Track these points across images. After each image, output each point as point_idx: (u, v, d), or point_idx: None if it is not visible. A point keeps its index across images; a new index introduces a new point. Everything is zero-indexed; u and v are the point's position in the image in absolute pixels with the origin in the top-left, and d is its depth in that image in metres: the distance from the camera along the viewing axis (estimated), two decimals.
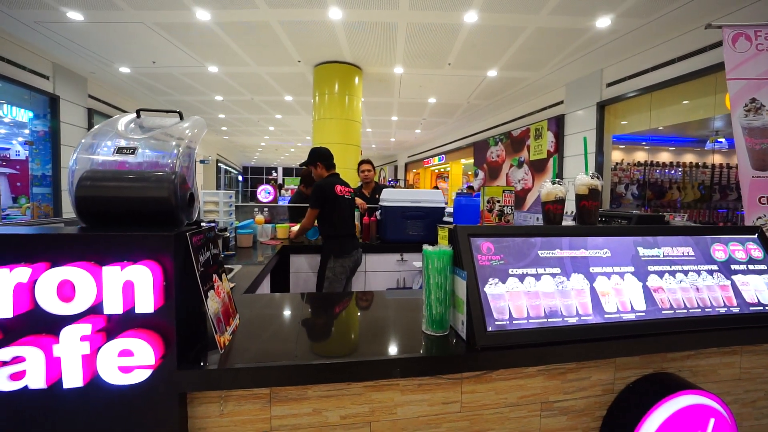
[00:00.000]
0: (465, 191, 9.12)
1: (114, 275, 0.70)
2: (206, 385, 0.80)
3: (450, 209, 2.72)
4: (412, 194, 2.90)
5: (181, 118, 1.08)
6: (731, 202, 5.29)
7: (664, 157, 5.79)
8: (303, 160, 2.80)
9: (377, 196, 3.43)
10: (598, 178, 1.15)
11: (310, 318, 1.21)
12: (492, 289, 0.96)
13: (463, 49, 4.90)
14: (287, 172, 22.23)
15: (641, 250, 1.11)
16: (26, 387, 0.68)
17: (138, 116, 1.07)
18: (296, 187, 7.59)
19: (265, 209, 3.22)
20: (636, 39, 4.37)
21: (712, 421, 0.97)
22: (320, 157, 2.69)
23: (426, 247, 1.00)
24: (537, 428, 1.00)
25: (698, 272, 1.10)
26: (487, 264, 0.98)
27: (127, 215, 0.88)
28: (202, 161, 11.69)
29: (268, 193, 6.90)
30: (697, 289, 1.08)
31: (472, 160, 9.50)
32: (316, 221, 2.64)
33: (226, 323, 0.93)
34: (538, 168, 6.73)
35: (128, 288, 0.71)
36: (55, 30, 4.39)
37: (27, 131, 5.22)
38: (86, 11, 4.01)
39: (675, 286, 1.07)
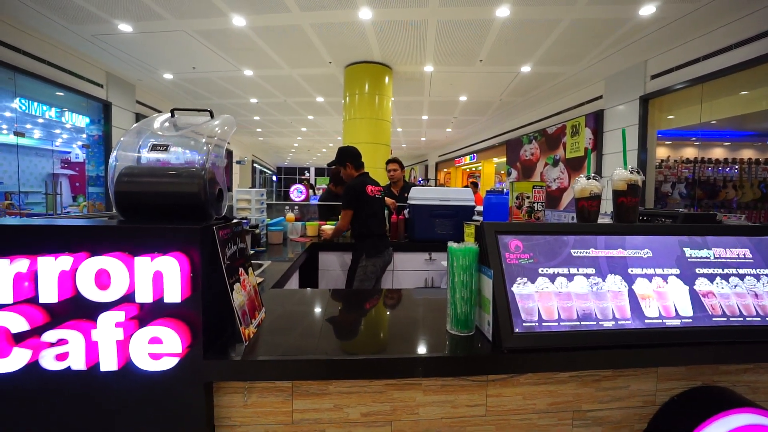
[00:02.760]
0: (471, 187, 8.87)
1: (145, 265, 0.73)
2: (231, 375, 0.82)
3: (480, 208, 2.65)
4: (441, 192, 2.85)
5: (212, 116, 1.12)
6: None
7: (718, 153, 5.34)
8: (332, 160, 2.82)
9: (406, 195, 3.41)
10: (638, 172, 1.07)
11: (335, 314, 1.21)
12: (520, 288, 0.91)
13: (495, 45, 4.77)
14: (319, 172, 22.68)
15: (688, 251, 1.01)
16: (69, 368, 0.73)
17: (172, 115, 1.12)
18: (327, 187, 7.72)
19: (296, 207, 3.29)
20: (685, 26, 4.05)
21: None
22: (349, 156, 2.69)
23: (451, 244, 0.97)
24: None
25: (757, 276, 1.00)
26: (515, 262, 0.94)
27: (160, 209, 0.92)
28: (238, 162, 12.18)
29: (300, 192, 7.06)
30: (756, 295, 0.97)
31: (504, 159, 9.24)
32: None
33: (252, 316, 0.96)
34: (574, 166, 6.43)
35: (158, 278, 0.74)
36: (108, 41, 4.74)
37: (84, 135, 5.67)
38: (135, 23, 4.30)
39: (728, 291, 0.97)
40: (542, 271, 0.95)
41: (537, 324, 0.89)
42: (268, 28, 4.49)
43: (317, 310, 1.23)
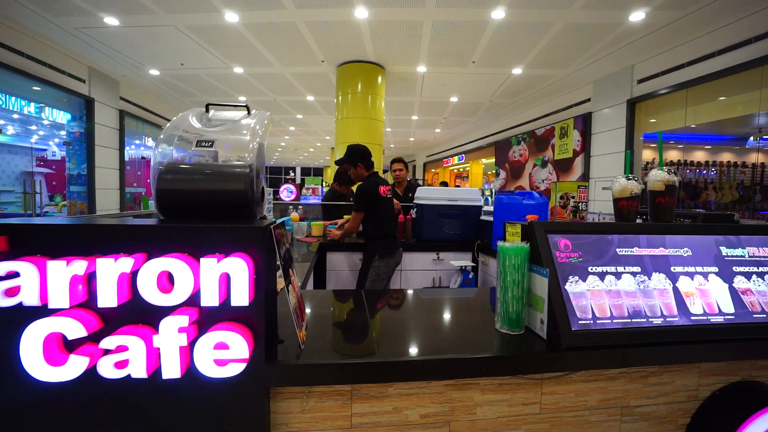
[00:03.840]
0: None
1: (211, 267, 0.70)
2: (291, 381, 0.79)
3: (489, 208, 2.68)
4: (449, 192, 2.86)
5: (249, 112, 1.09)
6: None
7: (699, 156, 5.57)
8: (340, 158, 2.71)
9: (410, 195, 3.41)
10: (674, 173, 1.10)
11: (378, 315, 1.19)
12: (573, 287, 0.92)
13: (488, 46, 4.83)
14: (305, 171, 22.46)
15: (724, 250, 1.05)
16: (129, 376, 0.68)
17: (207, 111, 1.08)
18: (317, 186, 7.62)
19: (300, 207, 3.24)
20: (671, 33, 4.22)
21: None
22: (361, 156, 2.58)
23: (501, 243, 0.97)
24: None
25: None
26: (566, 261, 0.95)
27: (205, 208, 0.88)
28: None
29: (291, 192, 6.95)
30: None
31: (493, 160, 9.38)
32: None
33: (302, 318, 0.93)
34: (563, 167, 6.58)
35: (224, 280, 0.71)
36: (92, 35, 4.54)
37: (64, 132, 5.41)
38: (121, 16, 4.13)
39: (765, 289, 1.01)
40: (591, 269, 0.96)
41: (592, 322, 0.90)
42: (261, 24, 4.41)
43: (356, 311, 1.21)
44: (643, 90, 4.96)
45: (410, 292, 1.44)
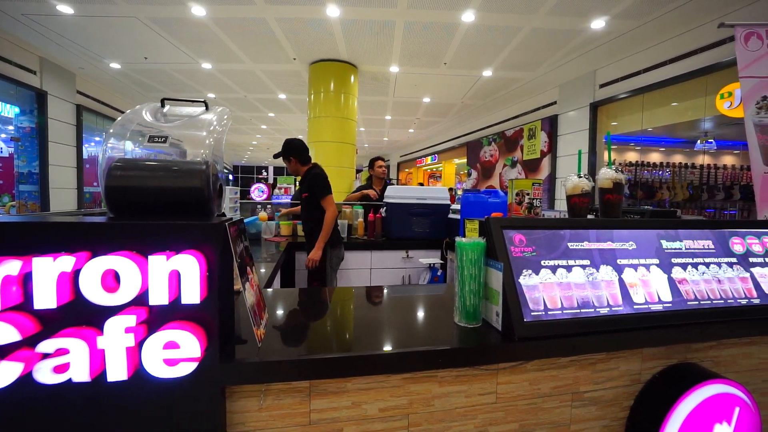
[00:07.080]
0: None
1: (160, 265, 0.68)
2: (247, 379, 0.78)
3: (455, 206, 2.73)
4: (417, 191, 2.90)
5: (207, 108, 1.06)
6: (718, 202, 5.45)
7: (654, 157, 5.93)
8: (278, 151, 2.56)
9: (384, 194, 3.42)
10: (621, 172, 1.17)
11: (339, 312, 1.20)
12: (526, 280, 0.96)
13: (459, 48, 4.93)
14: (278, 171, 22.03)
15: (664, 243, 1.13)
16: (70, 380, 0.65)
17: (162, 106, 1.04)
18: (290, 186, 7.50)
19: (269, 206, 3.18)
20: (629, 41, 4.46)
21: (737, 410, 1.00)
22: (294, 151, 2.43)
23: (459, 238, 1.00)
24: (568, 418, 1.01)
25: (719, 264, 1.13)
26: (520, 255, 0.99)
27: (158, 205, 0.86)
28: None
29: (262, 191, 6.80)
30: (719, 281, 1.10)
31: (465, 160, 9.58)
32: (305, 212, 2.48)
33: (260, 316, 0.92)
34: (531, 168, 6.81)
35: (174, 278, 0.69)
36: (43, 23, 4.26)
37: (11, 128, 5.04)
38: (77, 4, 3.90)
39: (698, 278, 1.09)
40: (544, 263, 1.00)
41: (543, 313, 0.94)
42: (230, 19, 4.30)
43: (318, 308, 1.21)
44: (605, 94, 5.21)
45: (374, 289, 1.45)
